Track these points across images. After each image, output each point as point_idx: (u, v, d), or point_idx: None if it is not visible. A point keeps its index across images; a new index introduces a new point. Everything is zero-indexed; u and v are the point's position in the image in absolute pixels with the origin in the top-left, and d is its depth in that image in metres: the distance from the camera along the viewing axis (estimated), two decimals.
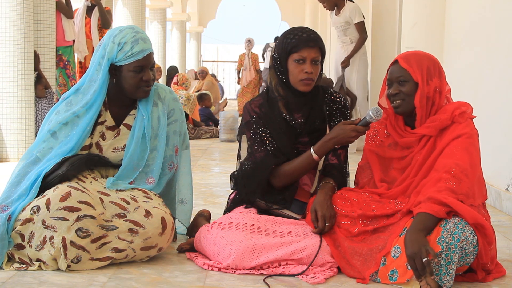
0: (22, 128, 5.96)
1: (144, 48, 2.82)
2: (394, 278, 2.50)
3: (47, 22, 6.76)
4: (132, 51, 2.80)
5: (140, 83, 2.85)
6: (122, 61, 2.82)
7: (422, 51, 2.84)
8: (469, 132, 2.64)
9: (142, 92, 2.88)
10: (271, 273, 2.62)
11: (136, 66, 2.82)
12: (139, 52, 2.81)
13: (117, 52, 2.81)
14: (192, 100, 9.51)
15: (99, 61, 2.85)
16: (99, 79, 2.84)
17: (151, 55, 2.87)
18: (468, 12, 5.01)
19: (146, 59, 2.84)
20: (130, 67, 2.82)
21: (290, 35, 2.86)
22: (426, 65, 2.70)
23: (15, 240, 2.64)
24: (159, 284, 2.51)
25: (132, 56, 2.81)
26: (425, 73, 2.69)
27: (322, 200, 2.74)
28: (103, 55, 2.84)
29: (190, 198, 3.13)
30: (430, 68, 2.70)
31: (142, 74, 2.84)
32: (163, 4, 15.40)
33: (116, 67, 2.84)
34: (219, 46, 29.82)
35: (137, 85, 2.85)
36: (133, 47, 2.80)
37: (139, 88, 2.86)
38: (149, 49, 2.85)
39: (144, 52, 2.83)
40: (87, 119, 2.85)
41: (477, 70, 4.79)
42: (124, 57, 2.81)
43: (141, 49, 2.81)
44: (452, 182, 2.52)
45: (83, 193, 2.67)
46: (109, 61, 2.82)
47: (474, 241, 2.45)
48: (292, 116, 2.93)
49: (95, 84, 2.86)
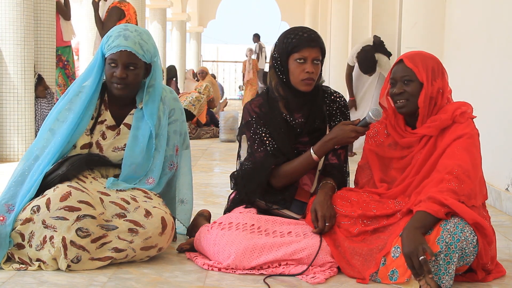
0: (22, 128, 5.96)
1: (120, 44, 2.82)
2: (394, 278, 2.50)
3: (47, 22, 6.76)
4: (112, 44, 2.84)
5: (112, 78, 2.86)
6: (106, 53, 2.86)
7: (425, 52, 2.83)
8: (470, 132, 2.64)
9: (114, 88, 2.88)
10: (271, 273, 2.62)
11: (110, 59, 2.85)
12: (115, 47, 2.83)
13: (105, 44, 2.86)
14: (202, 101, 9.49)
15: (97, 54, 2.91)
16: (94, 68, 2.89)
17: (127, 54, 2.82)
18: (468, 12, 5.01)
19: (119, 55, 2.82)
20: (108, 60, 2.86)
21: (291, 35, 2.86)
22: (431, 66, 2.70)
23: (15, 240, 2.64)
24: (159, 284, 2.51)
25: (110, 49, 2.84)
26: (430, 73, 2.68)
27: (322, 200, 2.74)
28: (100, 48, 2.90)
29: (190, 198, 3.13)
30: (434, 69, 2.70)
31: (115, 69, 2.85)
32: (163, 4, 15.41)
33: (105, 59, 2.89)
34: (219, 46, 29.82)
35: (110, 79, 2.87)
36: (113, 41, 2.84)
37: (112, 83, 2.88)
38: (126, 47, 2.82)
39: (118, 48, 2.82)
40: (79, 106, 2.86)
41: (477, 70, 4.80)
42: (106, 48, 2.86)
43: (117, 44, 2.82)
44: (454, 183, 2.52)
45: (83, 193, 2.67)
46: (102, 53, 2.88)
47: (474, 241, 2.45)
48: (292, 116, 2.93)
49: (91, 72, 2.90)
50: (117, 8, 6.28)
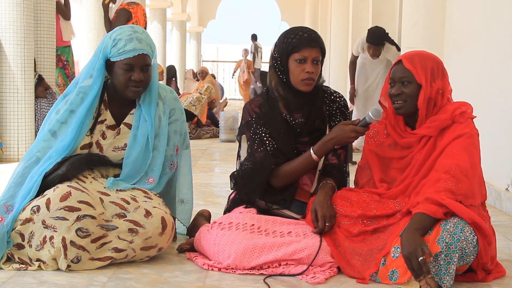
0: (22, 128, 5.96)
1: (136, 48, 2.82)
2: (394, 278, 2.50)
3: (47, 22, 6.76)
4: (124, 48, 2.81)
5: (129, 82, 2.85)
6: (115, 57, 2.83)
7: (425, 51, 2.82)
8: (470, 132, 2.64)
9: (131, 91, 2.87)
10: (271, 273, 2.62)
11: (126, 63, 2.82)
12: (131, 51, 2.81)
13: (111, 47, 2.83)
14: (203, 102, 9.49)
15: (97, 55, 2.88)
16: (95, 71, 2.86)
17: (144, 57, 2.84)
18: (468, 12, 5.01)
19: (136, 59, 2.83)
20: (121, 64, 2.83)
21: (291, 35, 2.86)
22: (430, 67, 2.69)
23: (15, 240, 2.64)
24: (159, 284, 2.51)
25: (124, 53, 2.81)
26: (429, 74, 2.67)
27: (322, 200, 2.74)
28: (100, 50, 2.87)
29: (190, 198, 3.13)
30: (434, 70, 2.69)
31: (131, 73, 2.83)
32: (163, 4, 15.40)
33: (111, 63, 2.86)
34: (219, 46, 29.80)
35: (126, 83, 2.85)
36: (126, 45, 2.81)
37: (128, 87, 2.86)
38: (142, 50, 2.83)
39: (136, 52, 2.82)
40: (82, 110, 2.85)
41: (477, 70, 4.80)
42: (117, 53, 2.82)
43: (133, 47, 2.81)
44: (452, 183, 2.52)
45: (83, 193, 2.67)
46: (104, 55, 2.85)
47: (474, 241, 2.45)
48: (292, 116, 2.93)
49: (92, 77, 2.87)
50: (125, 10, 6.31)
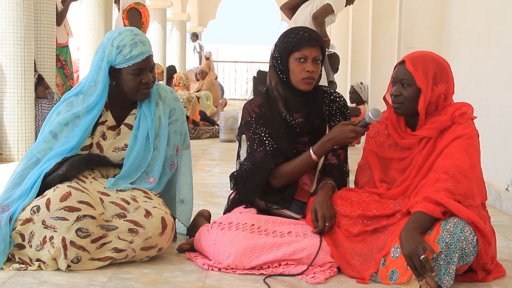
0: (22, 128, 5.95)
1: (143, 51, 2.82)
2: (394, 278, 2.50)
3: (47, 22, 6.75)
4: (131, 54, 2.80)
5: (140, 86, 2.85)
6: (121, 64, 2.82)
7: (431, 53, 2.75)
8: (469, 132, 2.63)
9: (142, 94, 2.88)
10: (271, 273, 2.62)
11: (135, 69, 2.82)
12: (138, 55, 2.81)
13: (116, 55, 2.81)
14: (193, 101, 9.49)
15: (99, 64, 2.85)
16: (101, 82, 2.84)
17: (150, 58, 2.87)
18: (468, 12, 5.01)
19: (145, 62, 2.83)
20: (129, 70, 2.82)
21: (291, 34, 2.86)
22: (433, 71, 2.65)
23: (16, 240, 2.64)
24: (159, 284, 2.51)
25: (131, 59, 2.81)
26: (430, 79, 2.64)
27: (322, 200, 2.74)
28: (102, 58, 2.84)
29: (190, 198, 3.13)
30: (436, 74, 2.65)
31: (141, 76, 2.83)
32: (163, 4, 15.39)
33: (115, 70, 2.84)
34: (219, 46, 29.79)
35: (137, 87, 2.85)
36: (131, 50, 2.80)
37: (139, 90, 2.86)
38: (148, 52, 2.84)
39: (143, 55, 2.82)
40: (88, 120, 2.85)
41: (477, 70, 4.79)
42: (123, 60, 2.81)
43: (140, 51, 2.81)
44: (450, 183, 2.52)
45: (83, 193, 2.67)
46: (109, 63, 2.83)
47: (474, 241, 2.45)
48: (291, 115, 2.93)
49: (97, 86, 2.85)
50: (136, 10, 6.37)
